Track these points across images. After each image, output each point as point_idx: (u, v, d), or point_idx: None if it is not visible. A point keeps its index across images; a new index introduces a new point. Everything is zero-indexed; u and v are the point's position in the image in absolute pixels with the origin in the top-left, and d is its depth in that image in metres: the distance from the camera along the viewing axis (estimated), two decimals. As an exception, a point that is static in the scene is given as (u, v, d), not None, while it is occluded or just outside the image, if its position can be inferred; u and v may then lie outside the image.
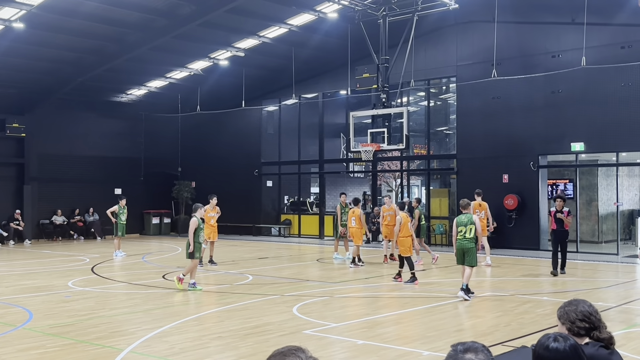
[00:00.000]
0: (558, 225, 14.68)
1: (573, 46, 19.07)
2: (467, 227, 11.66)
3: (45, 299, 11.85)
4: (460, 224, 11.78)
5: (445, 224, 22.90)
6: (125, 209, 19.81)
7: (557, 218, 14.70)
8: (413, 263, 13.80)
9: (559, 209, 14.63)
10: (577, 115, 19.44)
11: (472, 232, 11.62)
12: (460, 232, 11.73)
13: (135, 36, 20.43)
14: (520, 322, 9.54)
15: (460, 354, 2.50)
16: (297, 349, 2.20)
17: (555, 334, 3.14)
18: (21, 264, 18.34)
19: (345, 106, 26.39)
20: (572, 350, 3.03)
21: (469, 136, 21.93)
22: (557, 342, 3.06)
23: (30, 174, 25.51)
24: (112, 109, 27.70)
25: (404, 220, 13.73)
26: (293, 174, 27.77)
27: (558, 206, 14.70)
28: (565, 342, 3.05)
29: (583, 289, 13.07)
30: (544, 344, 3.07)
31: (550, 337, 3.11)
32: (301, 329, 9.11)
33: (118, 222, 19.51)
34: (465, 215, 11.86)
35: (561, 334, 3.14)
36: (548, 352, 3.04)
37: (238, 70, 24.36)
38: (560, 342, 3.05)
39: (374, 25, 19.64)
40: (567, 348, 3.02)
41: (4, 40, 19.14)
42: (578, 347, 3.07)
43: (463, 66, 21.91)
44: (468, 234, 11.64)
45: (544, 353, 3.05)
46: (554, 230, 14.85)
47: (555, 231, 14.75)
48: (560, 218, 14.63)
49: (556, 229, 14.71)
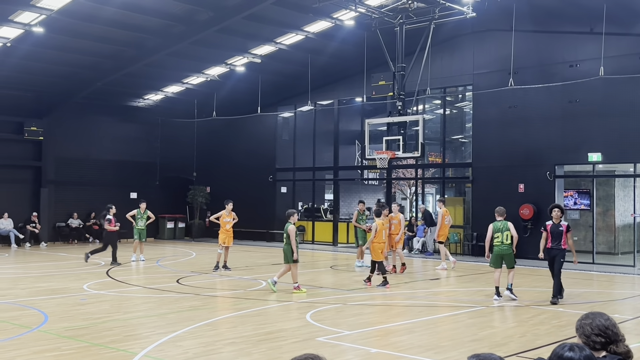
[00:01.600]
0: (554, 241, 12.10)
1: (591, 56, 18.95)
2: (504, 233, 12.35)
3: (61, 301, 11.93)
4: (496, 229, 12.48)
5: (459, 232, 22.80)
6: (147, 213, 19.77)
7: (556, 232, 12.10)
8: (384, 268, 14.35)
9: (557, 222, 12.15)
10: (595, 125, 19.29)
11: (509, 237, 12.35)
12: (497, 237, 12.42)
13: (154, 42, 20.60)
14: (535, 333, 9.46)
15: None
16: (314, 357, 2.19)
17: (571, 344, 3.10)
18: (37, 266, 18.50)
19: (361, 113, 26.39)
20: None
21: (485, 145, 21.83)
22: (572, 351, 3.01)
23: (47, 177, 25.75)
24: (129, 113, 27.92)
25: (379, 228, 14.19)
26: (307, 180, 27.79)
27: (555, 218, 12.17)
28: (581, 352, 3.00)
29: (599, 301, 12.94)
30: (558, 353, 3.03)
31: (566, 346, 3.06)
32: (314, 335, 9.09)
33: (135, 226, 19.54)
34: (501, 222, 12.53)
35: (577, 344, 3.10)
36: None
37: (254, 76, 24.46)
38: (576, 352, 3.00)
39: (391, 32, 19.64)
40: (582, 359, 2.97)
41: (24, 45, 19.37)
42: (593, 358, 3.02)
43: (480, 74, 21.85)
44: (505, 240, 12.35)
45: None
46: (548, 249, 12.28)
47: (550, 250, 12.20)
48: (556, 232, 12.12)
49: (551, 247, 12.15)
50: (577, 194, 22.11)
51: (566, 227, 12.12)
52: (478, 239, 21.71)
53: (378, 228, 14.15)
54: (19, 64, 21.21)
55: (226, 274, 16.31)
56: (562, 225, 12.10)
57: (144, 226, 19.67)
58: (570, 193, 22.01)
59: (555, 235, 12.05)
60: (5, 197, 24.52)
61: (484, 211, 21.52)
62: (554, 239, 12.04)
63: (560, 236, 12.02)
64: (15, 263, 19.71)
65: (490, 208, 20.77)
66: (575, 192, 22.10)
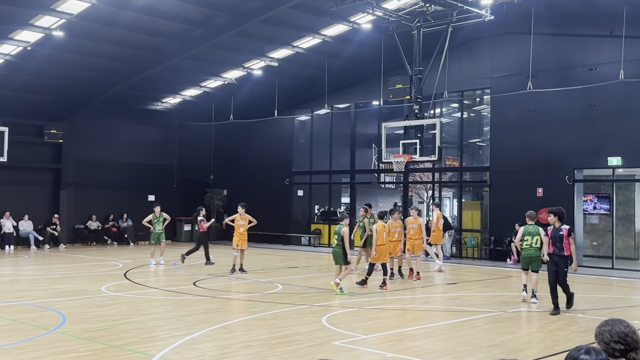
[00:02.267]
0: (556, 247, 11.46)
1: (611, 59, 18.76)
2: (533, 237, 12.37)
3: (79, 303, 12.02)
4: (526, 233, 12.47)
5: (477, 237, 22.65)
6: (162, 215, 19.50)
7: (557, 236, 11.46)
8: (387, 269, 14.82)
9: (557, 226, 11.51)
10: (615, 129, 19.08)
11: (538, 241, 12.30)
12: (526, 240, 12.45)
13: (172, 46, 20.74)
14: (553, 339, 9.36)
15: None
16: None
17: (587, 347, 3.02)
18: (56, 268, 18.68)
19: (378, 117, 26.35)
20: None
21: (503, 149, 21.68)
22: (588, 355, 2.93)
23: (66, 179, 26.00)
24: (147, 116, 28.13)
25: (379, 230, 14.38)
26: (324, 183, 27.78)
27: (553, 222, 11.56)
28: (597, 356, 2.92)
29: (618, 307, 12.78)
30: (573, 356, 2.96)
31: (582, 349, 2.98)
32: (330, 339, 9.07)
33: (152, 231, 19.32)
34: (532, 226, 12.51)
35: (594, 348, 3.02)
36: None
37: (271, 79, 24.53)
38: (592, 356, 2.91)
39: (408, 36, 19.59)
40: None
41: (44, 48, 19.59)
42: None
43: (498, 78, 21.72)
44: (534, 244, 12.35)
45: None
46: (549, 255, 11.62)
47: (552, 255, 11.54)
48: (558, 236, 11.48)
49: (552, 252, 11.52)
50: (596, 198, 21.89)
51: (567, 231, 11.47)
52: (495, 243, 21.56)
53: (378, 230, 14.34)
54: (39, 68, 21.45)
55: (242, 277, 16.34)
56: (562, 230, 11.45)
57: (162, 229, 19.48)
58: (590, 197, 21.79)
59: (556, 240, 11.46)
60: (25, 199, 24.80)
61: (501, 215, 21.40)
62: (554, 244, 11.48)
63: (561, 241, 11.40)
64: (35, 265, 19.91)
65: (508, 212, 20.79)
66: (595, 196, 21.87)
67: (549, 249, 11.58)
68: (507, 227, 20.88)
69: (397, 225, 15.92)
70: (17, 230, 24.34)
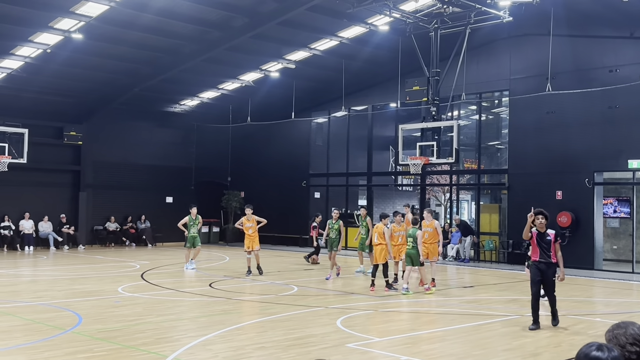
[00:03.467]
0: (542, 254, 10.27)
1: (631, 61, 18.53)
2: None
3: (95, 303, 12.10)
4: None
5: (495, 240, 22.46)
6: (198, 218, 18.53)
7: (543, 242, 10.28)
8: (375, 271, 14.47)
9: (542, 230, 10.33)
10: (635, 132, 18.82)
11: None
12: None
13: (190, 48, 20.85)
14: (570, 343, 9.23)
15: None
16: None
17: (599, 343, 2.93)
18: (74, 268, 18.83)
19: (395, 119, 26.24)
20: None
21: (522, 151, 21.49)
22: (600, 351, 2.83)
23: (85, 181, 26.24)
24: (165, 118, 28.30)
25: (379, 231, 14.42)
26: (341, 186, 27.72)
27: (540, 226, 10.32)
28: (610, 352, 2.82)
29: (638, 311, 12.58)
30: (584, 352, 2.87)
31: (594, 345, 2.88)
32: (344, 342, 9.03)
33: (187, 234, 18.32)
34: None
35: (606, 344, 2.93)
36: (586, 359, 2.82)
37: (288, 82, 24.56)
38: (604, 352, 2.82)
39: (426, 38, 19.49)
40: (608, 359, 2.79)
41: (64, 51, 19.80)
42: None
43: (516, 80, 21.53)
44: None
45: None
46: (535, 263, 10.35)
47: (537, 263, 10.29)
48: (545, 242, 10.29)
49: (538, 260, 10.28)
50: (616, 201, 21.62)
51: (554, 236, 10.34)
52: (514, 246, 21.36)
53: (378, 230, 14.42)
54: (59, 70, 21.69)
55: (258, 279, 16.34)
56: (549, 234, 10.29)
57: (197, 232, 18.63)
58: (610, 201, 21.53)
59: (542, 246, 10.24)
60: (44, 200, 25.07)
61: (520, 218, 21.11)
62: (542, 250, 10.24)
63: (549, 246, 10.24)
64: (54, 265, 20.10)
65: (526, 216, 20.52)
66: (615, 199, 21.60)
67: (535, 257, 10.28)
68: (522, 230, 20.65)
69: (401, 229, 15.07)
70: (37, 231, 24.60)
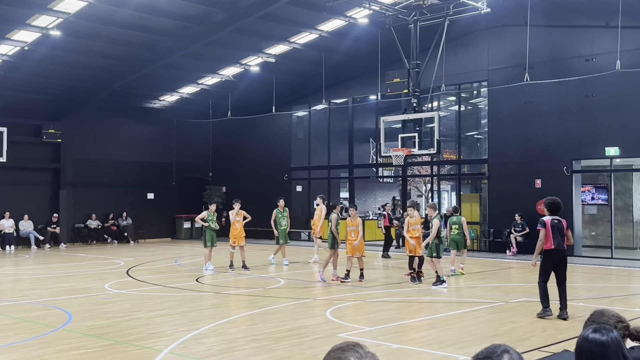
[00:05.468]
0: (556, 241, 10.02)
1: (607, 50, 18.84)
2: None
3: (83, 300, 12.08)
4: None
5: (476, 229, 22.74)
6: (215, 215, 17.43)
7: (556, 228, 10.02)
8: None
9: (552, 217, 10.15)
10: (612, 120, 19.18)
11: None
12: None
13: (169, 43, 20.75)
14: (556, 328, 9.46)
15: (496, 357, 2.33)
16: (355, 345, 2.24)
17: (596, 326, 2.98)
18: (58, 267, 18.72)
19: (375, 111, 26.40)
20: (613, 343, 2.83)
21: (501, 141, 21.77)
22: (598, 332, 2.89)
23: (65, 179, 26.01)
24: (145, 114, 28.14)
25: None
26: (323, 179, 27.82)
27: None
28: (608, 333, 2.87)
29: (618, 295, 12.89)
30: (584, 336, 2.91)
31: (590, 328, 2.94)
32: (335, 332, 9.15)
33: (207, 230, 17.04)
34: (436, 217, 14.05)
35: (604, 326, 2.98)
36: (587, 343, 2.88)
37: (268, 76, 24.56)
38: (603, 334, 2.87)
39: (405, 30, 19.65)
40: (609, 340, 2.84)
41: (41, 48, 19.59)
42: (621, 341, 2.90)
43: (494, 70, 21.79)
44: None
45: (583, 344, 2.89)
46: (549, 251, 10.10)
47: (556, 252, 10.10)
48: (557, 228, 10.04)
49: (556, 248, 10.04)
50: (594, 188, 22.02)
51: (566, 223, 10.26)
52: (495, 235, 21.68)
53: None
54: (37, 67, 21.45)
55: (245, 273, 16.40)
56: (562, 221, 10.15)
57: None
58: (588, 188, 21.91)
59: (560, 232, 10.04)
60: (25, 199, 24.81)
61: (500, 207, 21.51)
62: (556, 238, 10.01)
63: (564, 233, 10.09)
64: (36, 264, 19.95)
65: (507, 204, 20.91)
66: (593, 187, 22.00)
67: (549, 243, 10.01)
68: (506, 219, 21.00)
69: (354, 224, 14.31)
70: (18, 230, 24.36)
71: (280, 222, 18.14)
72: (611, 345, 2.84)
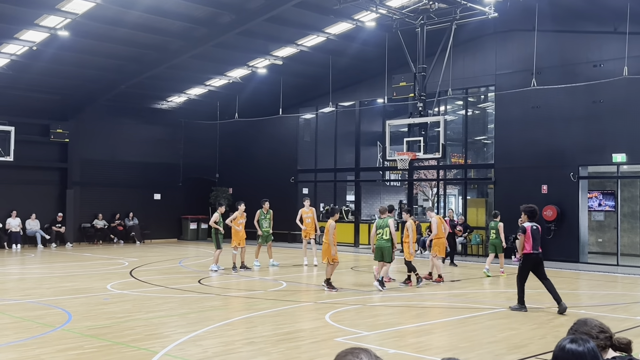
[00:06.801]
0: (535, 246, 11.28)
1: (615, 55, 18.74)
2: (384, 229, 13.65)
3: (85, 301, 12.12)
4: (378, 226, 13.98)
5: (482, 234, 22.65)
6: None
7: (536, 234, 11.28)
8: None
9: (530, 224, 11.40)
10: (619, 126, 19.06)
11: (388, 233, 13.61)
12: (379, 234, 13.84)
13: (177, 45, 20.83)
14: (555, 335, 9.38)
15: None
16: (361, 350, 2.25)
17: (573, 336, 2.96)
18: (62, 266, 18.81)
19: (382, 114, 26.39)
20: (590, 353, 2.82)
21: (508, 146, 21.68)
22: (575, 343, 2.87)
23: (72, 178, 26.13)
24: (152, 115, 28.25)
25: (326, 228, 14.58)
26: (329, 181, 27.83)
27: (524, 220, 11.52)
28: (585, 344, 2.86)
29: (621, 303, 12.79)
30: (560, 346, 2.89)
31: (567, 339, 2.92)
32: (333, 336, 9.13)
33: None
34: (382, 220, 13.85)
35: (580, 337, 2.95)
36: (564, 353, 2.86)
37: (276, 78, 24.60)
38: (579, 344, 2.85)
39: (412, 34, 19.62)
40: (585, 350, 2.82)
41: (50, 48, 19.72)
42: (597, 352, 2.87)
43: (502, 75, 21.71)
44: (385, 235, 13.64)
45: (559, 354, 2.87)
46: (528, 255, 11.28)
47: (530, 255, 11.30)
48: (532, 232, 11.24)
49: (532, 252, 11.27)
50: (601, 195, 21.87)
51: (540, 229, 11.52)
52: (500, 240, 21.54)
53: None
54: (45, 67, 21.59)
55: (247, 275, 16.41)
56: (539, 227, 11.47)
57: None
58: (595, 194, 21.77)
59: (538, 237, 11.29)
60: (31, 198, 24.96)
61: (506, 212, 21.35)
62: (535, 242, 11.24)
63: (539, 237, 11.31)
64: (41, 263, 20.06)
65: (512, 209, 20.73)
66: (600, 193, 21.85)
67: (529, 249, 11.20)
68: (511, 225, 20.83)
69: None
70: (24, 229, 24.50)
71: (262, 223, 18.13)
72: (587, 356, 2.82)
